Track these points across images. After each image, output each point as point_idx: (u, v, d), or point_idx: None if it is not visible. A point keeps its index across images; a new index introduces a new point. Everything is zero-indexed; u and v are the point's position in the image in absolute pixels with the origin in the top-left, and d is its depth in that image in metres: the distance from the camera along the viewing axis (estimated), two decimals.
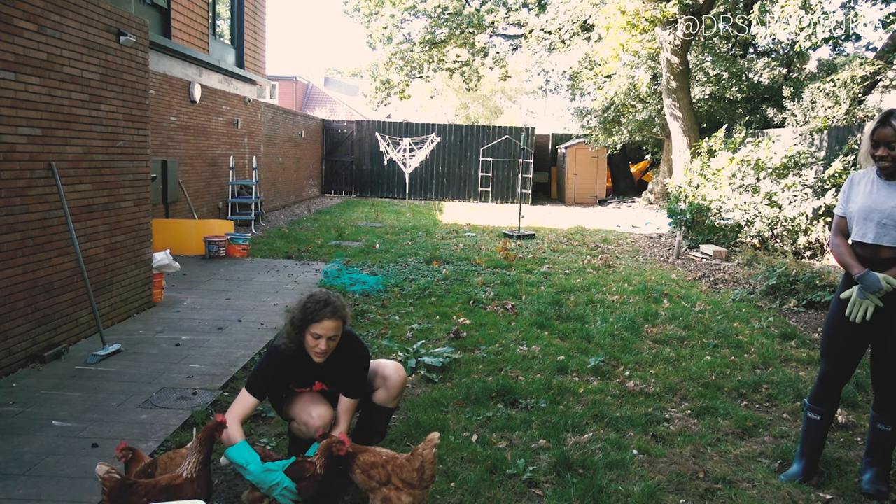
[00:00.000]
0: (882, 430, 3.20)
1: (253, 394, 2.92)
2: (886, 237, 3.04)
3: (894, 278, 2.97)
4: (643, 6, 12.43)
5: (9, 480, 3.08)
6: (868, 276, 3.00)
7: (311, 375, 3.06)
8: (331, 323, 2.84)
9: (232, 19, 13.21)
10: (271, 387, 3.01)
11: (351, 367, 3.06)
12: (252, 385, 2.94)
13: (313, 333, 2.85)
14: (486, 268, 8.75)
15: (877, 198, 3.09)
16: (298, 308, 2.90)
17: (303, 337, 2.89)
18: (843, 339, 3.20)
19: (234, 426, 2.80)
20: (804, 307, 6.89)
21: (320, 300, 2.88)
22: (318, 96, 39.52)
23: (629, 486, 3.16)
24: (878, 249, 3.07)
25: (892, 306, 3.05)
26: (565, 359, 5.01)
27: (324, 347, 2.87)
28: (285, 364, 2.97)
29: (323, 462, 2.72)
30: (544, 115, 45.80)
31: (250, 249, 9.40)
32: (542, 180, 23.40)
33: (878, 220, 3.05)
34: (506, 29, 23.40)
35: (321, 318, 2.83)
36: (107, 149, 5.58)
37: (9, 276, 4.40)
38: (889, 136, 2.99)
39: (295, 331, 2.89)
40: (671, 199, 12.61)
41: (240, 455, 2.72)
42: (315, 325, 2.83)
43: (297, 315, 2.88)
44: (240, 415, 2.87)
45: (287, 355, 2.95)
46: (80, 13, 5.14)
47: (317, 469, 2.72)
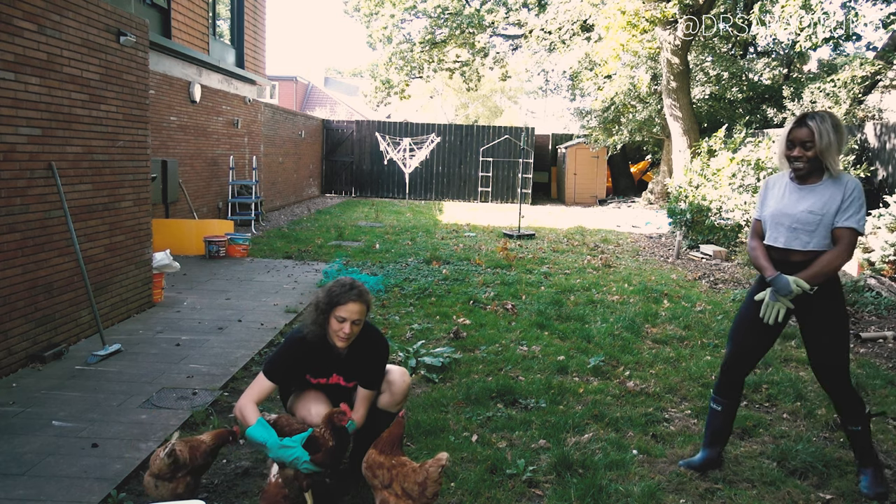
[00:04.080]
0: (854, 431, 3.21)
1: (269, 378, 2.95)
2: (797, 241, 3.08)
3: (805, 281, 2.99)
4: (643, 6, 12.43)
5: (9, 480, 3.08)
6: (779, 280, 3.04)
7: (330, 367, 3.06)
8: (355, 306, 2.88)
9: (232, 19, 13.21)
10: (287, 373, 3.01)
11: (370, 359, 3.07)
12: (269, 369, 2.96)
13: (338, 317, 2.88)
14: (486, 268, 8.75)
15: (788, 202, 3.13)
16: (324, 292, 2.95)
17: (327, 321, 2.92)
18: (752, 336, 3.26)
19: (249, 407, 2.85)
20: None
21: (346, 284, 2.94)
22: (318, 96, 39.51)
23: (629, 486, 3.16)
24: (788, 253, 3.12)
25: (803, 308, 3.10)
26: (565, 359, 5.01)
27: (348, 331, 2.89)
28: (304, 352, 2.99)
29: (329, 433, 2.79)
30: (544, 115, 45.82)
31: (250, 249, 9.40)
32: (542, 180, 23.39)
33: (788, 225, 3.10)
34: (506, 29, 23.40)
35: (346, 300, 2.87)
36: (107, 149, 5.58)
37: (9, 276, 4.40)
38: (805, 137, 3.02)
39: (320, 315, 2.92)
40: (671, 199, 12.61)
41: (258, 434, 2.78)
42: (340, 307, 2.87)
43: (323, 299, 2.92)
44: (255, 398, 2.91)
45: (307, 343, 2.97)
46: (80, 13, 5.14)
47: (328, 442, 2.79)
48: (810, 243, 3.05)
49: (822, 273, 2.99)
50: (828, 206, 3.02)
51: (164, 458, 2.67)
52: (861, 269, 8.22)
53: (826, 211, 3.01)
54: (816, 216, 3.02)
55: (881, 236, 8.12)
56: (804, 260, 3.06)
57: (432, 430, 3.70)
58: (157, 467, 2.70)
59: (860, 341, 5.74)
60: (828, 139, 2.97)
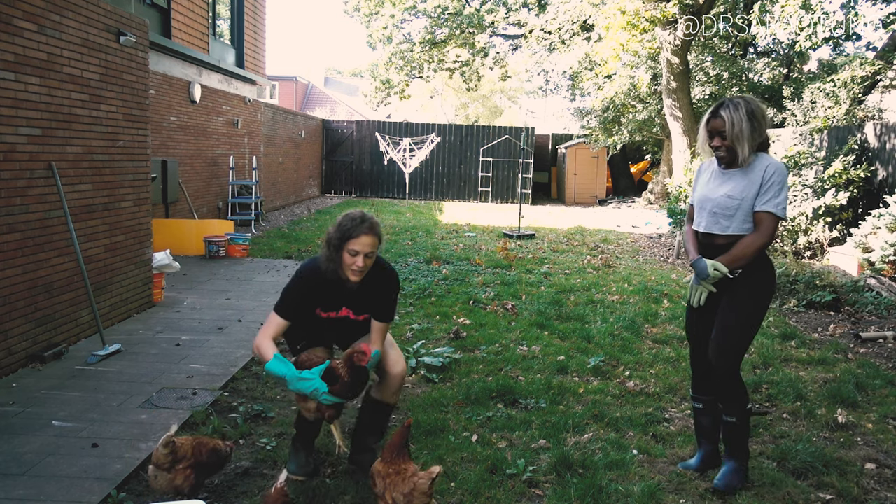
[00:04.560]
0: (727, 422, 3.19)
1: (282, 315, 2.99)
2: (716, 226, 3.10)
3: (723, 265, 3.00)
4: (643, 6, 12.43)
5: (9, 480, 3.08)
6: (698, 263, 3.08)
7: (339, 300, 3.07)
8: (368, 239, 2.89)
9: (232, 19, 13.21)
10: (298, 308, 3.02)
11: (382, 291, 3.10)
12: (281, 307, 3.00)
13: (351, 250, 2.89)
14: (486, 268, 8.75)
15: (710, 187, 3.16)
16: (335, 227, 2.96)
17: (340, 256, 2.92)
18: (692, 323, 3.30)
19: (266, 343, 2.92)
20: (804, 307, 6.89)
21: (356, 217, 2.94)
22: (318, 96, 39.51)
23: (629, 486, 3.15)
24: (712, 237, 3.13)
25: (723, 294, 3.10)
26: (565, 359, 5.01)
27: (361, 264, 2.90)
28: (315, 286, 3.01)
29: (346, 371, 2.84)
30: (544, 115, 45.83)
31: (250, 249, 9.40)
32: (542, 180, 23.40)
33: (710, 210, 3.12)
34: (506, 29, 23.41)
35: (359, 233, 2.88)
36: (107, 149, 5.58)
37: (9, 276, 4.40)
38: (720, 127, 3.03)
39: (332, 250, 2.94)
40: (671, 199, 12.60)
41: (277, 368, 2.84)
42: (353, 241, 2.88)
43: (335, 234, 2.93)
44: (270, 334, 2.96)
45: (317, 276, 3.00)
46: (80, 13, 5.14)
47: (339, 386, 2.83)
48: (730, 227, 3.05)
49: (740, 257, 2.99)
50: (746, 190, 3.01)
51: (162, 449, 2.73)
52: (861, 269, 8.22)
53: (745, 195, 3.01)
54: (735, 200, 3.02)
55: (881, 236, 8.12)
56: (727, 244, 3.06)
57: (432, 430, 3.70)
58: (156, 457, 2.75)
59: (860, 341, 5.75)
60: (739, 127, 2.97)
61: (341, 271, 2.96)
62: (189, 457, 2.80)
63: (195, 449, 2.84)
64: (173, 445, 2.75)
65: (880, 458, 3.53)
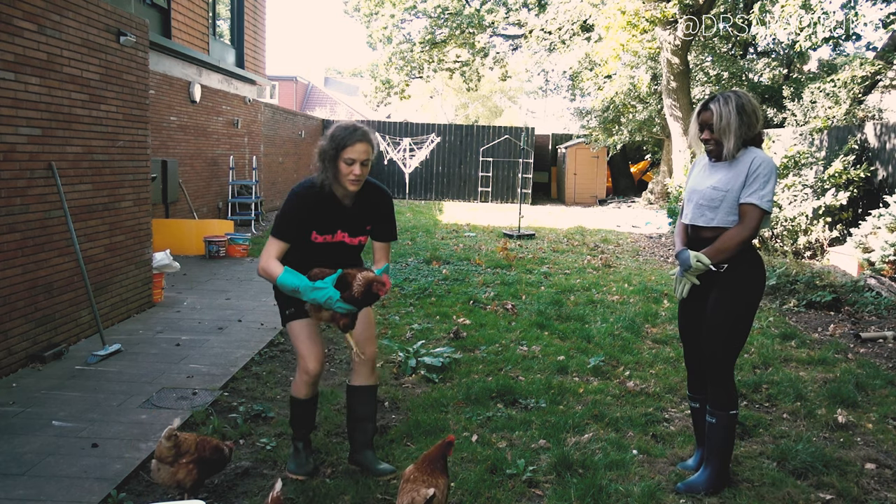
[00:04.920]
0: (708, 420, 3.14)
1: (281, 238, 2.95)
2: (701, 218, 3.08)
3: (707, 257, 2.97)
4: (643, 6, 12.43)
5: (9, 480, 3.08)
6: (681, 254, 3.07)
7: (335, 222, 3.04)
8: (363, 146, 2.89)
9: (232, 19, 13.21)
10: (296, 230, 2.99)
11: (378, 209, 3.12)
12: (279, 231, 2.97)
13: (347, 159, 2.88)
14: (486, 268, 8.75)
15: (699, 179, 3.15)
16: (327, 139, 2.94)
17: (336, 167, 2.91)
18: (683, 321, 3.28)
19: (272, 262, 2.90)
20: (804, 307, 6.89)
21: (349, 126, 2.94)
22: (318, 96, 39.50)
23: (629, 486, 3.15)
24: (699, 230, 3.11)
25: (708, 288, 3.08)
26: (565, 359, 5.01)
27: (358, 172, 2.89)
28: (309, 205, 2.98)
29: (361, 291, 2.82)
30: (544, 115, 45.80)
31: (250, 249, 9.40)
32: (542, 180, 23.40)
33: (696, 202, 3.11)
34: (506, 29, 23.41)
35: (353, 141, 2.88)
36: (107, 149, 5.58)
37: (9, 276, 4.40)
38: (709, 119, 3.02)
39: (327, 162, 2.92)
40: (671, 199, 12.61)
41: (289, 280, 2.83)
42: (348, 149, 2.87)
43: (328, 145, 2.91)
44: (274, 254, 2.93)
45: (311, 195, 2.98)
46: (80, 13, 5.14)
47: (353, 292, 2.81)
48: (714, 220, 3.03)
49: (723, 249, 2.95)
50: (731, 182, 2.99)
51: (165, 442, 2.76)
52: (861, 269, 8.22)
53: (730, 187, 2.98)
54: (720, 192, 3.00)
55: (881, 236, 8.12)
56: (713, 237, 3.03)
57: (432, 430, 3.70)
58: (159, 450, 2.78)
59: (860, 341, 5.74)
60: (726, 121, 2.96)
61: (337, 185, 2.96)
62: (192, 452, 2.83)
63: (199, 445, 2.86)
64: (176, 439, 2.78)
65: (880, 458, 3.53)
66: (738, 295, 3.02)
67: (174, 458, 2.78)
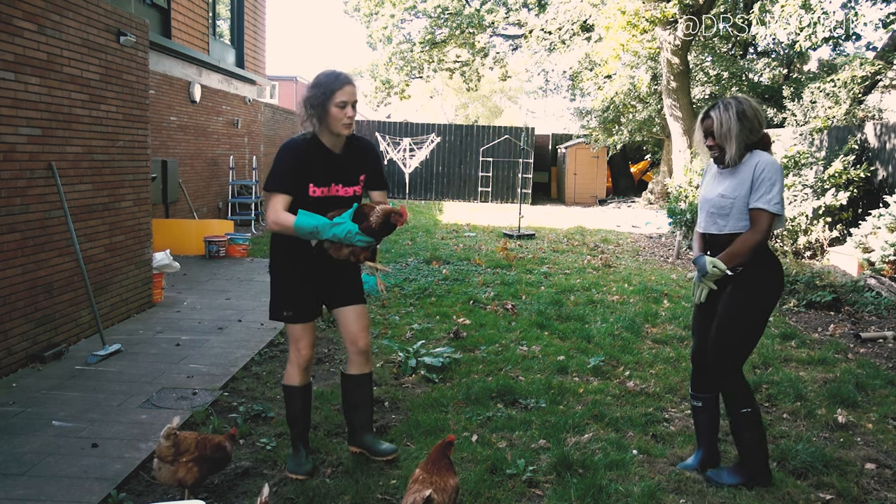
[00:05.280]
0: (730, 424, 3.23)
1: (282, 191, 2.95)
2: (714, 226, 3.14)
3: (721, 262, 3.02)
4: (643, 6, 12.43)
5: (9, 480, 3.08)
6: (698, 260, 3.12)
7: (328, 175, 3.06)
8: (351, 87, 2.96)
9: (232, 19, 13.21)
10: (296, 181, 2.99)
11: (369, 158, 3.20)
12: (279, 184, 2.96)
13: (339, 103, 2.93)
14: (486, 268, 8.75)
15: (709, 187, 3.20)
16: (311, 88, 2.97)
17: (326, 114, 2.95)
18: (696, 319, 3.33)
19: (282, 214, 2.92)
20: (804, 307, 6.89)
21: (331, 73, 2.98)
22: None
23: (629, 486, 3.15)
24: (714, 237, 3.16)
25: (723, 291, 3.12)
26: (565, 359, 5.01)
27: (351, 113, 2.96)
28: (302, 155, 3.00)
29: (379, 222, 2.87)
30: (544, 115, 45.82)
31: (250, 249, 9.40)
32: (542, 180, 23.39)
33: (707, 210, 3.17)
34: (506, 29, 23.39)
35: (342, 83, 2.94)
36: (107, 149, 5.58)
37: (9, 276, 4.40)
38: (710, 126, 3.09)
39: (317, 109, 2.95)
40: (671, 199, 12.59)
41: (306, 221, 2.87)
42: (338, 92, 2.93)
43: (315, 93, 2.95)
44: (281, 208, 2.94)
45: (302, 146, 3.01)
46: (80, 13, 5.14)
47: (371, 223, 2.86)
48: (726, 227, 3.08)
49: (736, 254, 3.00)
50: (738, 189, 3.03)
51: (164, 441, 2.77)
52: (861, 269, 8.22)
53: (737, 194, 3.03)
54: (728, 200, 3.05)
55: (881, 236, 8.12)
56: (729, 242, 3.08)
57: (432, 430, 3.70)
58: (159, 449, 2.79)
59: (860, 341, 5.74)
60: (727, 127, 3.01)
61: (326, 133, 3.00)
62: (192, 450, 2.83)
63: (199, 444, 2.86)
64: (175, 437, 2.78)
65: (880, 458, 3.53)
66: (749, 294, 3.06)
67: (174, 458, 2.79)
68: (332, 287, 3.21)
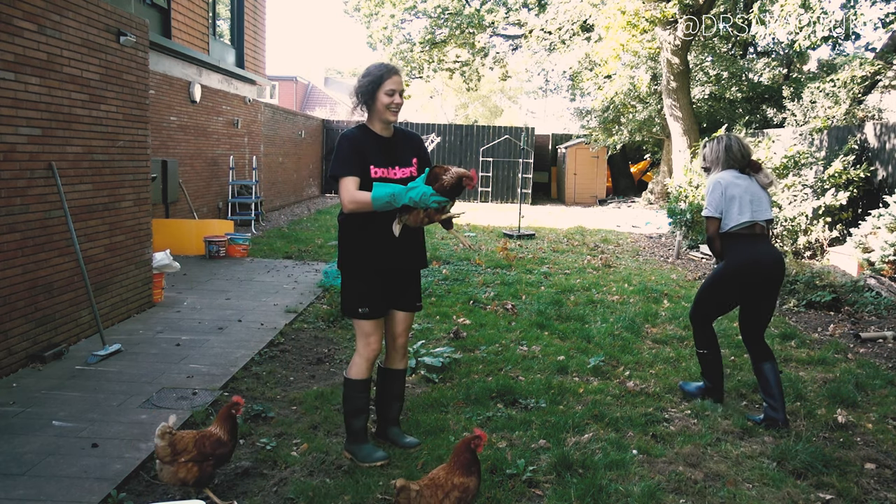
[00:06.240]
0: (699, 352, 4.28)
1: (351, 173, 3.13)
2: None
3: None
4: (643, 6, 12.43)
5: (9, 480, 3.08)
6: None
7: (386, 155, 3.25)
8: (398, 77, 3.20)
9: (232, 19, 13.21)
10: (360, 164, 3.16)
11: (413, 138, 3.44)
12: (346, 168, 3.13)
13: (388, 91, 3.17)
14: (486, 268, 8.75)
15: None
16: (362, 77, 3.21)
17: (375, 102, 3.18)
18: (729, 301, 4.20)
19: (357, 193, 3.09)
20: (804, 307, 6.89)
21: (380, 64, 3.22)
22: (318, 96, 39.50)
23: (629, 486, 3.16)
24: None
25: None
26: (565, 359, 5.01)
27: (399, 101, 3.19)
28: (361, 142, 3.20)
29: (452, 182, 3.00)
30: (544, 115, 45.77)
31: (250, 249, 9.40)
32: (542, 180, 23.38)
33: None
34: (506, 29, 23.38)
35: (391, 74, 3.18)
36: (107, 149, 5.58)
37: (9, 276, 4.40)
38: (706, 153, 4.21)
39: (368, 99, 3.20)
40: (671, 199, 12.58)
41: (383, 191, 3.01)
42: (388, 81, 3.16)
43: (365, 83, 3.19)
44: (353, 188, 3.11)
45: (358, 134, 3.23)
46: (80, 13, 5.14)
47: (444, 183, 2.99)
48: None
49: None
50: None
51: (159, 441, 2.79)
52: (861, 269, 8.22)
53: None
54: None
55: (881, 236, 8.12)
56: None
57: (432, 430, 3.70)
58: (157, 450, 2.81)
59: (860, 341, 5.74)
60: (713, 157, 4.09)
61: (375, 121, 3.23)
62: (191, 449, 2.82)
63: (197, 443, 2.85)
64: (170, 437, 2.78)
65: (880, 458, 3.53)
66: (717, 271, 4.10)
67: (172, 458, 2.78)
68: (402, 291, 3.39)
